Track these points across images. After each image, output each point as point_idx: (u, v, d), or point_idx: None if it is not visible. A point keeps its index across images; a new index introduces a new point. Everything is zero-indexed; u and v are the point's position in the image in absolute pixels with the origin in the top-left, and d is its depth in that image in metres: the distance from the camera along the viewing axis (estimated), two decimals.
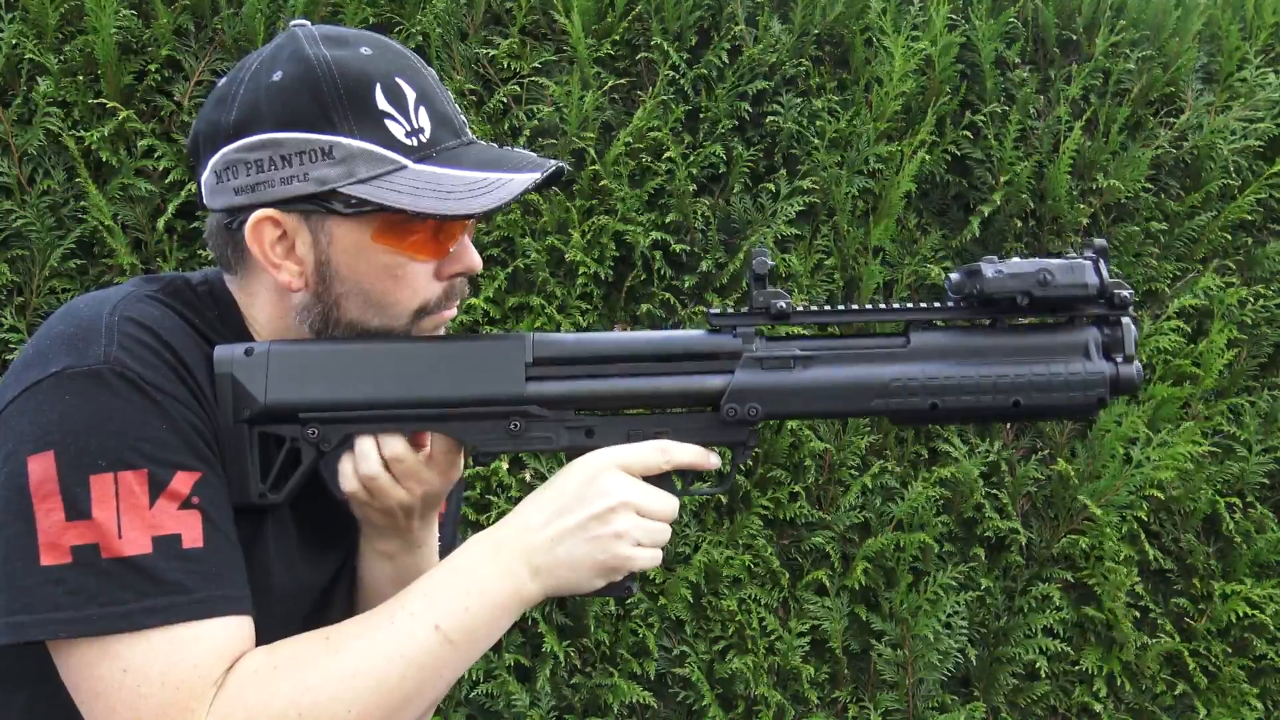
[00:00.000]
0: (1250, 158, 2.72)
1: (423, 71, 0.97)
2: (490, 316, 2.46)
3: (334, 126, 0.92)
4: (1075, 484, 2.58)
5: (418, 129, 0.94)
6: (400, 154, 0.93)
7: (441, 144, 0.95)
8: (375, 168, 0.92)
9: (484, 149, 0.99)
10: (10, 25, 2.30)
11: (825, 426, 2.59)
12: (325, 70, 0.92)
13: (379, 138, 0.92)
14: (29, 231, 2.30)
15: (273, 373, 0.94)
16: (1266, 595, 2.60)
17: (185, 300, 0.98)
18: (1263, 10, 2.79)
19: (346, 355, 0.96)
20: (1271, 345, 2.73)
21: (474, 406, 0.97)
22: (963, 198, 2.68)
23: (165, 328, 0.93)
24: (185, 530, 0.86)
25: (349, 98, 0.92)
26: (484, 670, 2.40)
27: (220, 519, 0.90)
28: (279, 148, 0.92)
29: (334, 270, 0.95)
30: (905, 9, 2.63)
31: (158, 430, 0.87)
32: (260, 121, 0.92)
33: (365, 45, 0.95)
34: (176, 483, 0.87)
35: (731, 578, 2.49)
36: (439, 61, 2.44)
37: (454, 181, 0.93)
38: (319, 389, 0.95)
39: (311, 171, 0.92)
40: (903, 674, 2.55)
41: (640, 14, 2.54)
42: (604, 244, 2.45)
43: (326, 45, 0.94)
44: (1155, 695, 2.63)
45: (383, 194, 0.92)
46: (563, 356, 0.99)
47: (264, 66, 0.95)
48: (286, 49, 0.95)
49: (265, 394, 0.94)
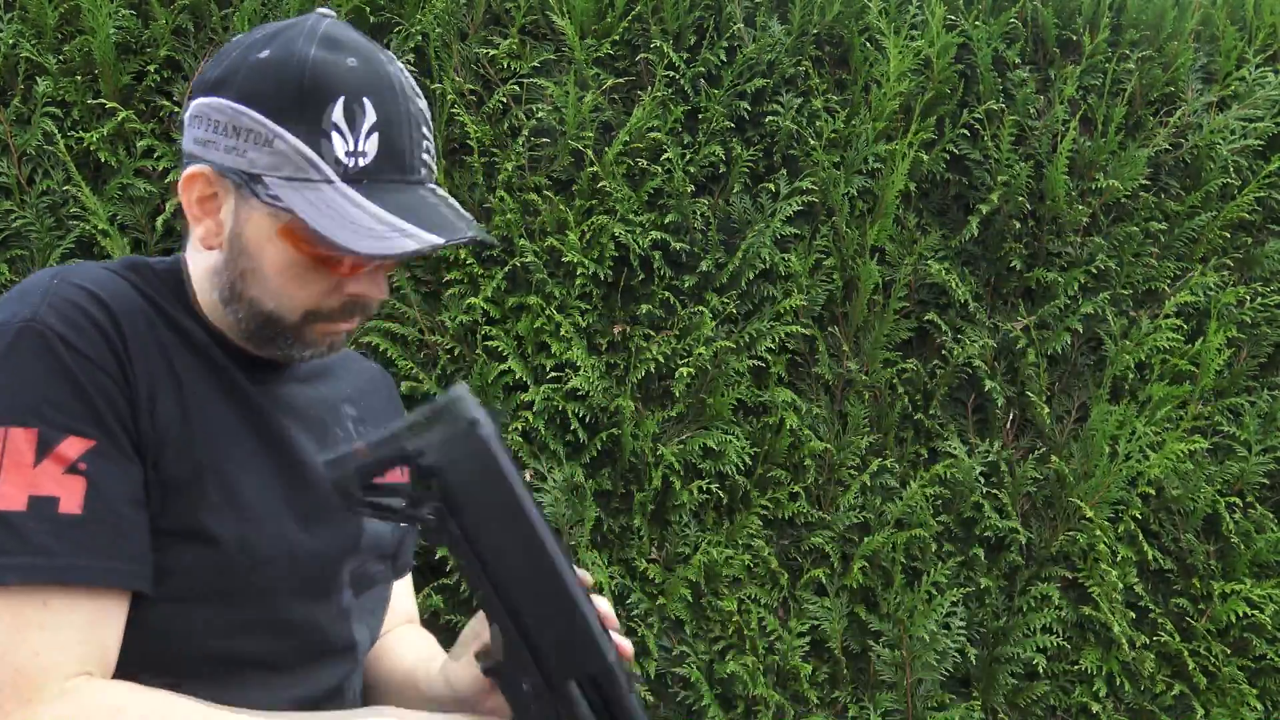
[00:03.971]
0: (1250, 157, 2.72)
1: (401, 102, 0.96)
2: (490, 316, 2.46)
3: (283, 120, 0.92)
4: (1070, 483, 2.58)
5: (359, 152, 0.94)
6: (330, 168, 0.93)
7: (379, 175, 0.94)
8: (300, 172, 0.93)
9: (423, 197, 0.97)
10: (9, 25, 2.30)
11: (825, 426, 2.59)
12: (299, 67, 0.93)
13: (317, 147, 0.93)
14: (28, 231, 2.30)
15: None
16: (1266, 595, 2.60)
17: (141, 274, 1.00)
18: (1261, 10, 2.79)
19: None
20: (1271, 345, 2.73)
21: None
22: (963, 198, 2.68)
23: (109, 290, 0.94)
24: (65, 495, 0.86)
25: (306, 99, 0.92)
26: None
27: (110, 490, 0.88)
28: (235, 118, 0.94)
29: (244, 244, 0.97)
30: (904, 9, 2.63)
31: (61, 393, 0.87)
32: (232, 88, 0.94)
33: (355, 58, 0.95)
34: (65, 446, 0.87)
35: (731, 578, 2.49)
36: (438, 61, 2.44)
37: (362, 215, 0.92)
38: None
39: (250, 152, 0.93)
40: (902, 674, 2.55)
41: (639, 14, 2.54)
42: (603, 244, 2.45)
43: (320, 44, 0.95)
44: (1155, 695, 2.63)
45: (293, 198, 0.92)
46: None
47: (263, 40, 0.97)
48: (287, 34, 0.96)
49: None
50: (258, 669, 0.98)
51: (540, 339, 2.45)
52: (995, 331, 2.64)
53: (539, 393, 2.42)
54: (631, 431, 2.44)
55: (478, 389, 2.44)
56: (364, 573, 1.11)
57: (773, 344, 2.52)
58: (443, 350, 2.46)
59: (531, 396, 2.43)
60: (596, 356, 2.49)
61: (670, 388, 2.50)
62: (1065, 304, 2.64)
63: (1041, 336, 2.65)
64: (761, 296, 2.56)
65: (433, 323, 2.48)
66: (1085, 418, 2.66)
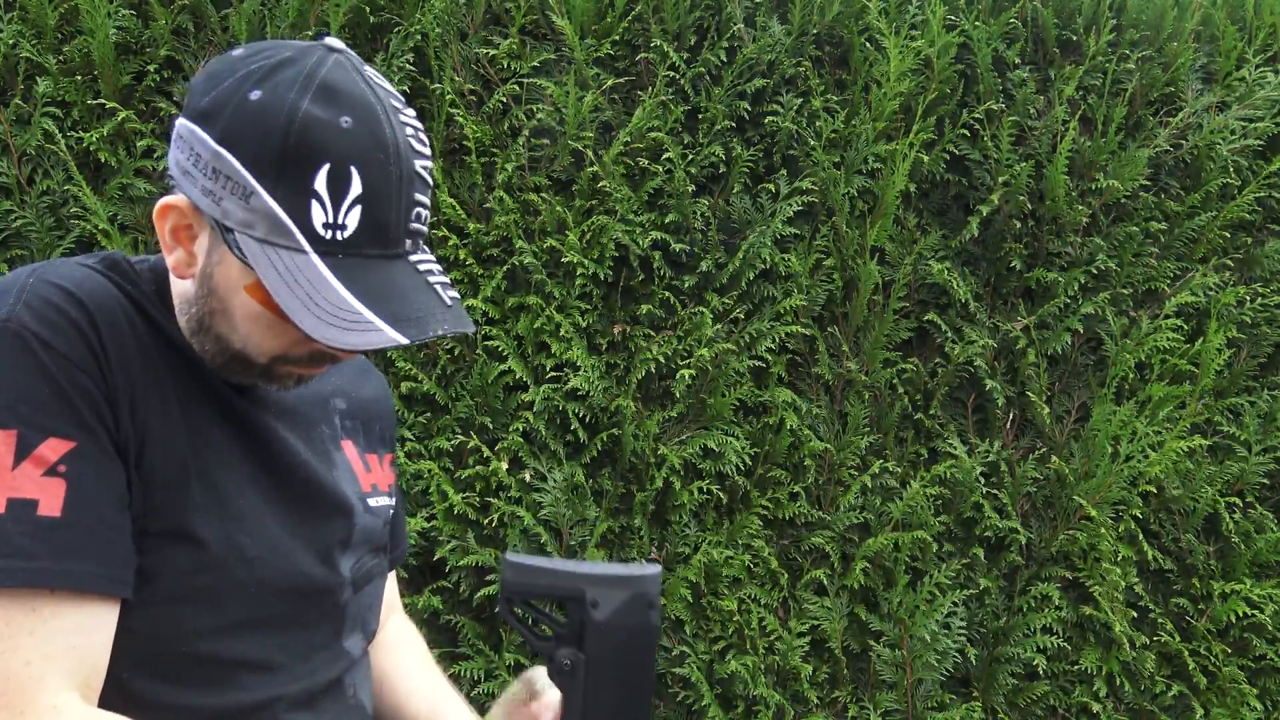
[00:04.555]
0: (1250, 157, 2.72)
1: (394, 168, 0.89)
2: (489, 317, 2.46)
3: (263, 176, 0.87)
4: (1071, 483, 2.58)
5: (339, 224, 0.88)
6: (306, 238, 0.87)
7: (357, 249, 0.88)
8: (273, 234, 0.87)
9: (402, 275, 0.91)
10: (9, 25, 2.30)
11: (825, 426, 2.59)
12: (287, 122, 0.86)
13: (295, 213, 0.87)
14: (28, 231, 2.30)
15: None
16: (1266, 595, 2.60)
17: (121, 272, 0.97)
18: (1261, 10, 2.79)
19: None
20: (1271, 345, 2.73)
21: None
22: (963, 198, 2.68)
23: (86, 288, 0.91)
24: (44, 497, 0.85)
25: (289, 161, 0.86)
26: (484, 670, 2.40)
27: (92, 492, 0.87)
28: (216, 159, 0.88)
29: (214, 285, 0.93)
30: (904, 9, 2.63)
31: (39, 393, 0.86)
32: (217, 126, 0.89)
33: (351, 116, 0.88)
34: (45, 448, 0.85)
35: (731, 578, 2.49)
36: (438, 61, 2.44)
37: (329, 296, 0.87)
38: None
39: (225, 201, 0.88)
40: (902, 674, 2.55)
41: (639, 14, 2.54)
42: (603, 244, 2.45)
43: (315, 96, 0.88)
44: (1155, 695, 2.63)
45: (262, 262, 0.87)
46: None
47: (259, 74, 0.90)
48: (284, 74, 0.89)
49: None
50: (252, 669, 0.97)
51: (540, 339, 2.45)
52: (995, 331, 2.64)
53: (539, 393, 2.42)
54: (632, 432, 2.44)
55: (478, 389, 2.44)
56: (363, 570, 1.11)
57: (773, 344, 2.52)
58: (443, 350, 2.46)
59: (531, 396, 2.43)
60: (596, 356, 2.49)
61: (670, 388, 2.50)
62: (1065, 304, 2.64)
63: (1041, 336, 2.65)
64: (762, 296, 2.56)
65: None
66: (1085, 418, 2.66)
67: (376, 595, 1.17)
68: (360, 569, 1.10)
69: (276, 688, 0.99)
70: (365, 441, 1.16)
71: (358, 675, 1.11)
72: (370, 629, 1.15)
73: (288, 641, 1.01)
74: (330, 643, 1.06)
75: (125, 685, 0.91)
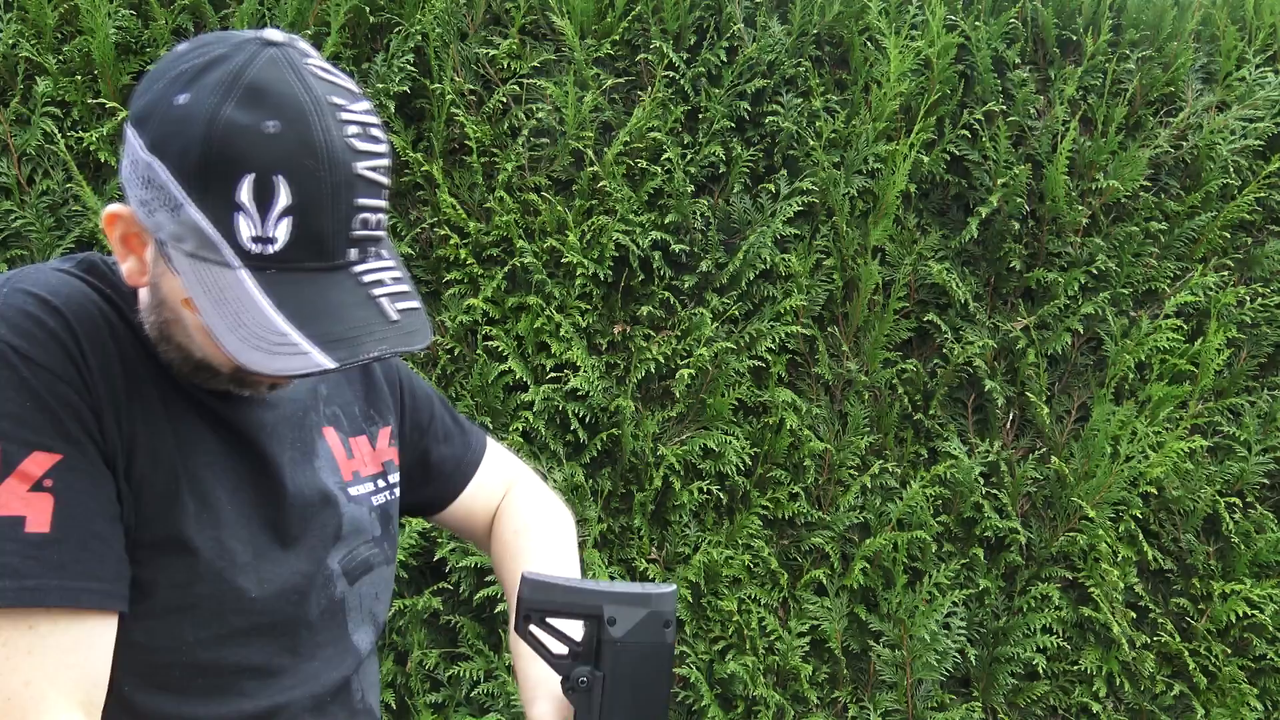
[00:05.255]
0: (1250, 157, 2.72)
1: (327, 174, 0.82)
2: (490, 316, 2.46)
3: (189, 187, 0.81)
4: (1071, 483, 2.58)
5: (268, 238, 0.82)
6: (234, 254, 0.82)
7: (290, 262, 0.82)
8: (203, 250, 0.82)
9: (339, 288, 0.85)
10: (9, 25, 2.30)
11: (825, 426, 2.59)
12: (207, 129, 0.81)
13: (222, 227, 0.81)
14: (28, 231, 2.30)
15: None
16: (1266, 595, 2.60)
17: (99, 275, 0.94)
18: (1261, 10, 2.79)
19: None
20: (1271, 345, 2.73)
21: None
22: (962, 198, 2.68)
23: (63, 295, 0.88)
24: (31, 513, 0.83)
25: (211, 171, 0.81)
26: (484, 670, 2.40)
27: (80, 505, 0.85)
28: (149, 168, 0.83)
29: (164, 297, 0.89)
30: (904, 9, 2.63)
31: (21, 408, 0.83)
32: (148, 131, 0.84)
33: (278, 119, 0.81)
34: (30, 463, 0.83)
35: (731, 578, 2.49)
36: (438, 61, 2.44)
37: (255, 317, 0.82)
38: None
39: (158, 213, 0.83)
40: (902, 674, 2.55)
41: (639, 14, 2.54)
42: (603, 244, 2.45)
43: (240, 99, 0.82)
44: (1155, 695, 2.63)
45: (192, 279, 0.83)
46: None
47: (189, 75, 0.84)
48: (210, 77, 0.83)
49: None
50: (253, 675, 0.96)
51: (540, 339, 2.45)
52: (995, 331, 2.64)
53: (539, 393, 2.42)
54: (632, 432, 2.44)
55: (478, 389, 2.44)
56: (355, 560, 1.09)
57: (773, 344, 2.52)
58: (443, 350, 2.46)
59: (531, 396, 2.43)
60: (596, 356, 2.48)
61: (670, 388, 2.50)
62: (1065, 304, 2.64)
63: (1041, 336, 2.65)
64: (761, 296, 2.56)
65: (433, 323, 2.48)
66: (1085, 418, 2.66)
67: (382, 584, 1.14)
68: (353, 560, 1.08)
69: (282, 694, 0.98)
70: (349, 425, 1.13)
71: (365, 679, 1.10)
72: (380, 620, 1.13)
73: (291, 643, 1.00)
74: (336, 639, 1.05)
75: (127, 699, 0.91)
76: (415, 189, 2.48)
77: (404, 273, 0.90)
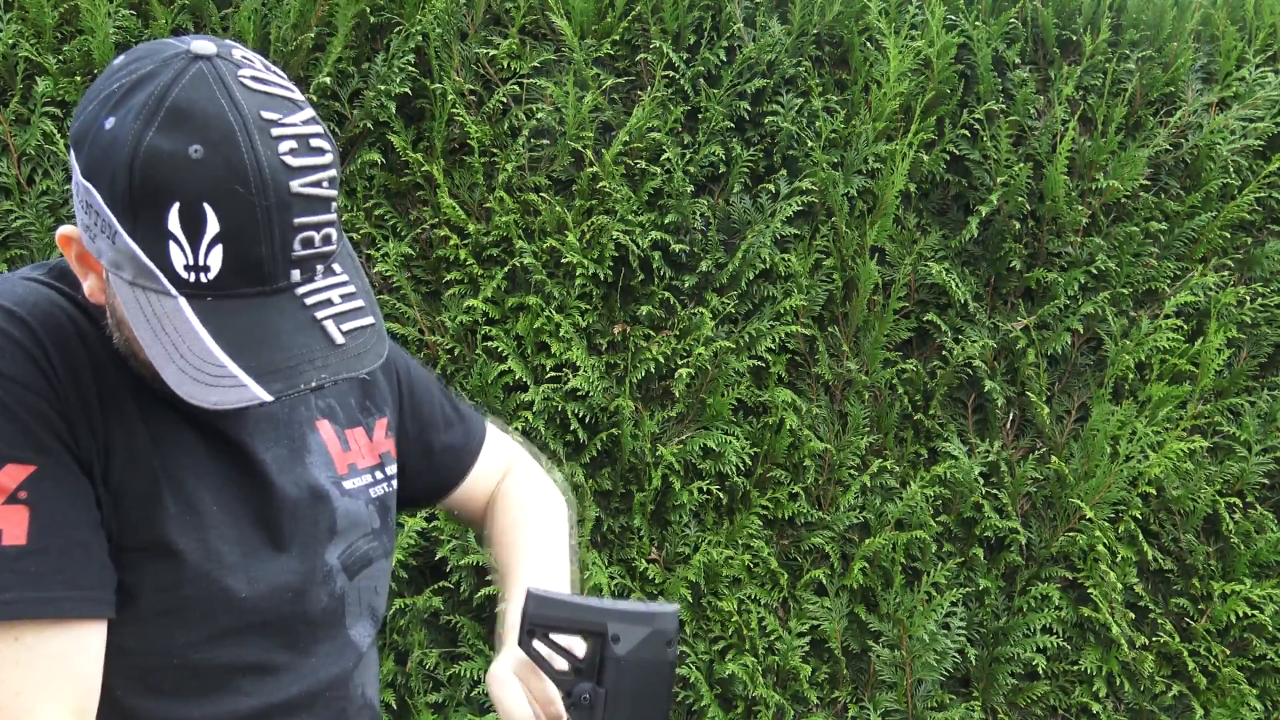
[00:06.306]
0: (1250, 157, 2.72)
1: (259, 198, 0.79)
2: (489, 317, 2.46)
3: (121, 216, 0.79)
4: (1071, 483, 2.58)
5: (201, 266, 0.79)
6: (171, 283, 0.80)
7: (227, 289, 0.80)
8: (141, 278, 0.81)
9: (279, 313, 0.82)
10: (9, 25, 2.30)
11: (825, 426, 2.59)
12: (130, 157, 0.78)
13: (155, 256, 0.79)
14: (28, 231, 2.30)
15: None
16: (1266, 595, 2.60)
17: (70, 281, 0.92)
18: (1261, 10, 2.79)
19: None
20: (1271, 345, 2.73)
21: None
22: (962, 198, 2.68)
23: (29, 305, 0.87)
24: (7, 526, 0.82)
25: (138, 199, 0.78)
26: (484, 670, 2.40)
27: (57, 515, 0.84)
28: (86, 193, 0.82)
29: (120, 316, 0.87)
30: (904, 9, 2.63)
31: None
32: (82, 154, 0.82)
33: (201, 143, 0.78)
34: (3, 476, 0.82)
35: (731, 578, 2.49)
36: (438, 61, 2.44)
37: (193, 347, 0.80)
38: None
39: (99, 239, 0.82)
40: (902, 674, 2.55)
41: (639, 14, 2.54)
42: (603, 244, 2.45)
43: (161, 123, 0.79)
44: (1155, 695, 2.63)
45: (134, 307, 0.81)
46: None
47: (118, 94, 0.81)
48: (134, 98, 0.80)
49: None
50: (248, 674, 0.96)
51: (540, 339, 2.45)
52: (995, 331, 2.64)
53: (539, 393, 2.42)
54: (631, 431, 2.44)
55: (478, 389, 2.44)
56: (355, 555, 1.08)
57: (773, 344, 2.52)
58: (443, 350, 2.46)
59: (531, 396, 2.43)
60: (596, 356, 2.49)
61: (670, 388, 2.50)
62: (1065, 304, 2.64)
63: (1041, 336, 2.65)
64: (761, 296, 2.56)
65: (433, 323, 2.48)
66: (1085, 418, 2.66)
67: (380, 577, 1.13)
68: (352, 555, 1.07)
69: (278, 691, 0.98)
70: (345, 416, 1.11)
71: (365, 674, 1.09)
72: (379, 613, 1.13)
73: (289, 640, 0.99)
74: (334, 634, 1.04)
75: (120, 702, 0.90)
76: (415, 189, 2.49)
77: (360, 284, 0.87)
